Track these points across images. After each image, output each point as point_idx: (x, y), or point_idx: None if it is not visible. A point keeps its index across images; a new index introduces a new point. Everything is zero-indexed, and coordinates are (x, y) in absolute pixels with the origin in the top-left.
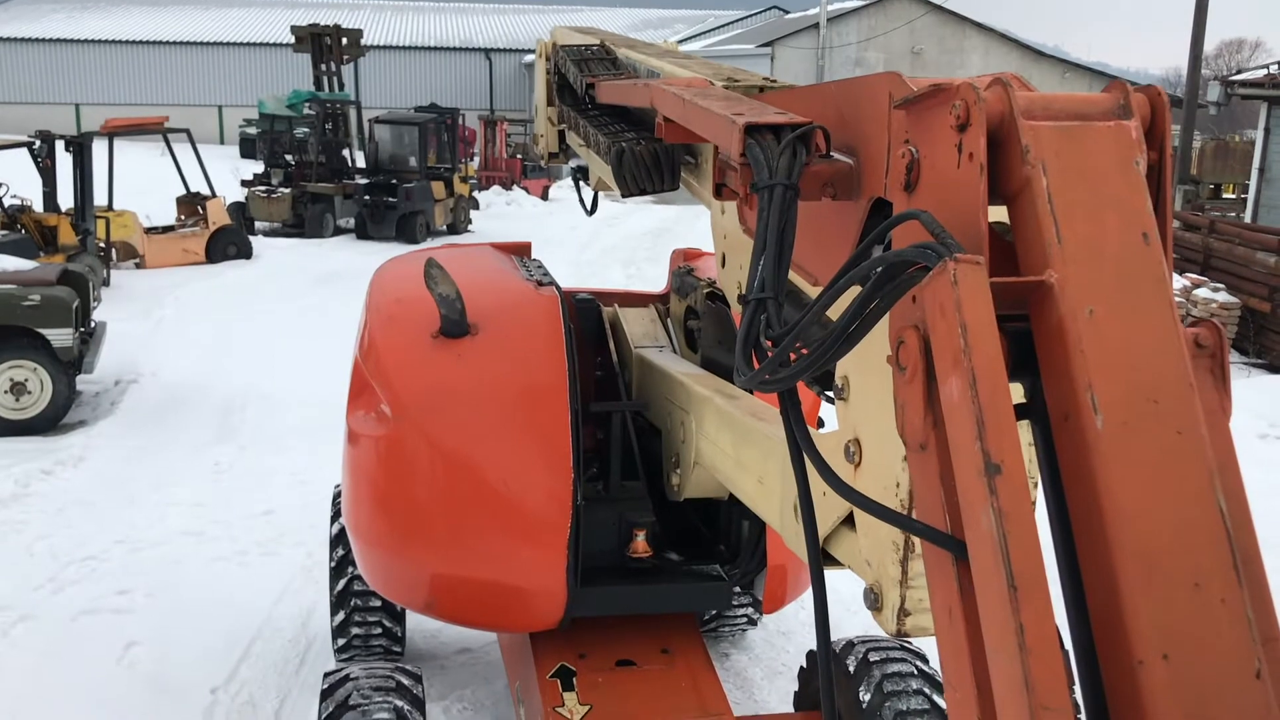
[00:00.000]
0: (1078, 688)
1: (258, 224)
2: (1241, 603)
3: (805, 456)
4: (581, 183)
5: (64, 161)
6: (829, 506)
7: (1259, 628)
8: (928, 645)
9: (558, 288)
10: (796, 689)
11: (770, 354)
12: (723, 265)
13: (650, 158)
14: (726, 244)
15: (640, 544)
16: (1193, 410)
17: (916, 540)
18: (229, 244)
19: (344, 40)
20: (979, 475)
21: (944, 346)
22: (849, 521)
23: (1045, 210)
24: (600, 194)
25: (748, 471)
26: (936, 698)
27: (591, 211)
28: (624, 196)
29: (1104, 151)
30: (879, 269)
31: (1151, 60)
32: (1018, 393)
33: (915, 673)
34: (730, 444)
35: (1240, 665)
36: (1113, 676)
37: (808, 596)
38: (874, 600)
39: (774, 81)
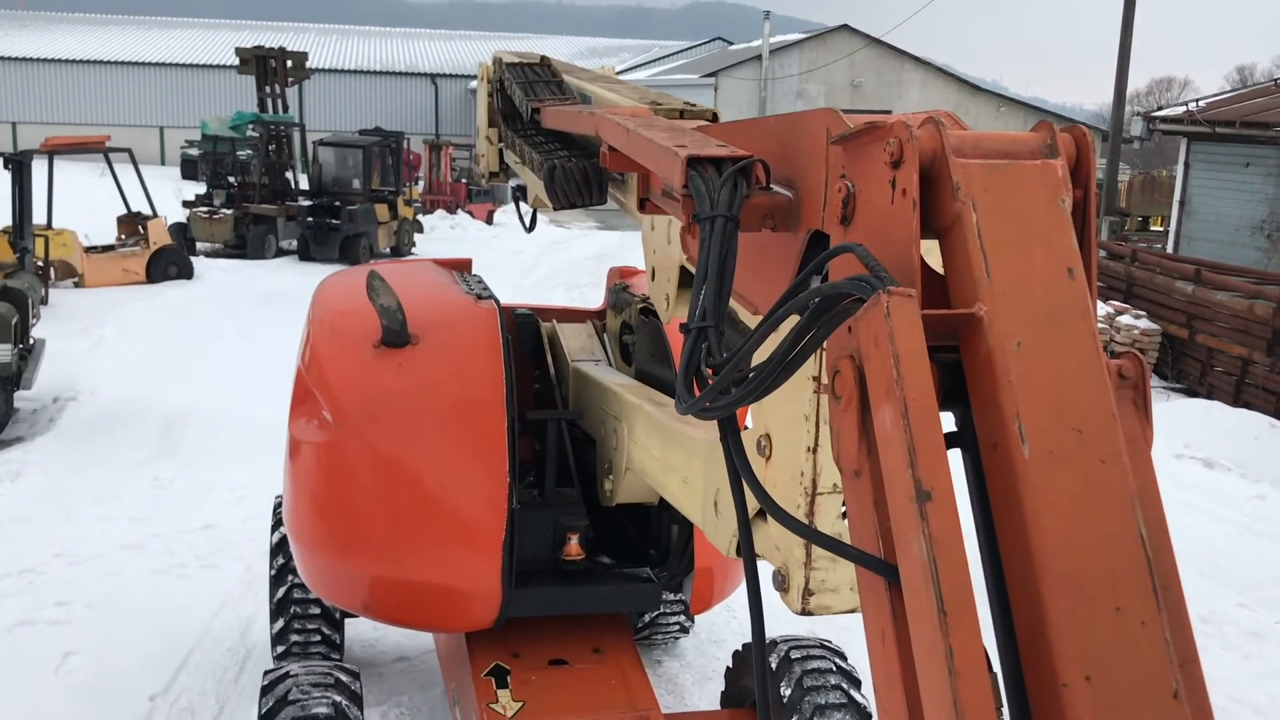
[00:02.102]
0: (1005, 709)
1: (199, 245)
2: (1160, 626)
3: (745, 483)
4: (521, 201)
5: (2, 179)
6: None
7: (1177, 650)
8: (847, 643)
9: (496, 302)
10: (724, 689)
11: (711, 382)
12: (652, 278)
13: (580, 174)
14: (655, 259)
15: (573, 547)
16: (1115, 440)
17: (820, 524)
18: (170, 264)
19: (289, 63)
20: (910, 502)
21: (877, 376)
22: (760, 514)
23: (975, 245)
24: (547, 220)
25: (674, 472)
26: (854, 693)
27: (530, 229)
28: (555, 209)
29: (1031, 189)
30: (816, 300)
31: (1086, 96)
32: (949, 422)
33: (834, 669)
34: (658, 447)
35: (1159, 686)
36: (1038, 698)
37: (736, 603)
38: (781, 582)
39: (694, 105)
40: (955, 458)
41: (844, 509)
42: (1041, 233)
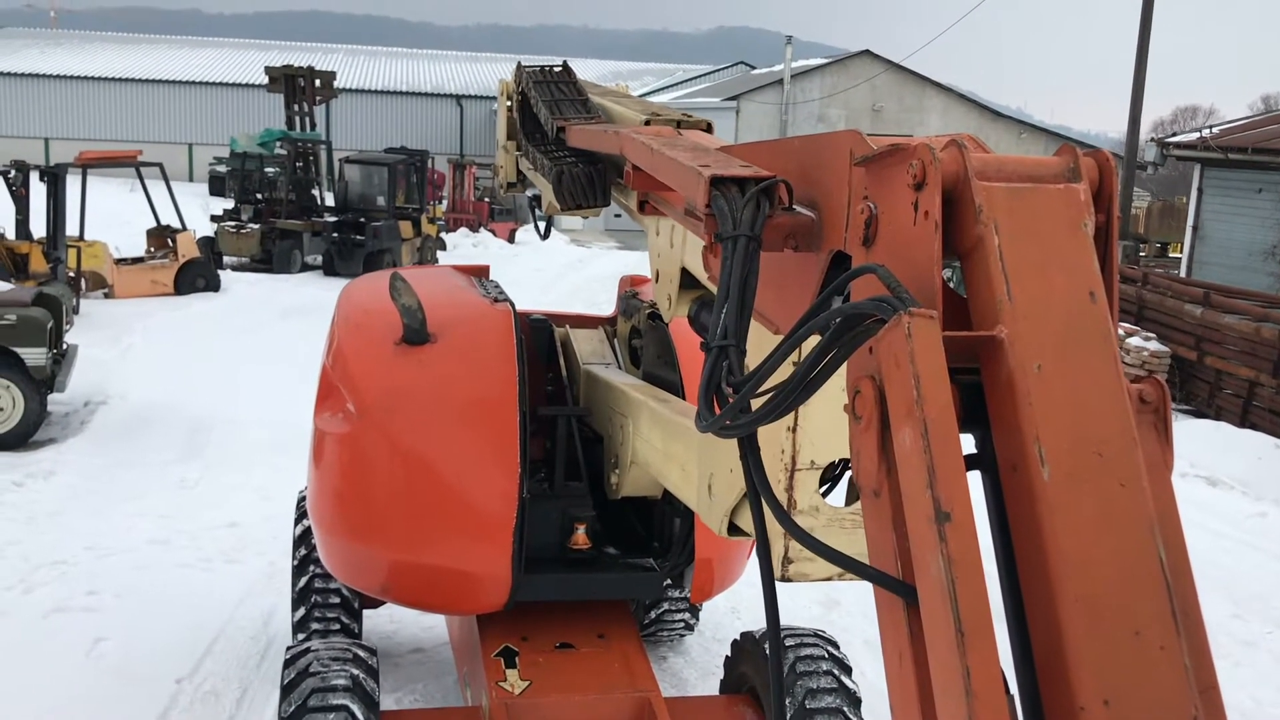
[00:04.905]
0: None
1: (226, 259)
2: (1180, 651)
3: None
4: (536, 209)
5: (38, 191)
6: (733, 481)
7: (1196, 676)
8: (847, 642)
9: (512, 305)
10: (723, 677)
11: (731, 400)
12: (656, 280)
13: (585, 178)
14: (659, 262)
15: (580, 537)
16: (1135, 463)
17: (799, 499)
18: (197, 276)
19: (317, 82)
20: (929, 522)
21: (898, 397)
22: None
23: (996, 268)
24: (568, 239)
25: (674, 462)
26: (844, 679)
27: (545, 236)
28: (563, 211)
29: (1053, 212)
30: (837, 320)
31: (1110, 124)
32: (969, 444)
33: (826, 656)
34: (660, 440)
35: (1178, 712)
36: None
37: (739, 604)
38: None
39: (689, 116)
40: (975, 479)
41: (823, 488)
42: (1063, 256)
